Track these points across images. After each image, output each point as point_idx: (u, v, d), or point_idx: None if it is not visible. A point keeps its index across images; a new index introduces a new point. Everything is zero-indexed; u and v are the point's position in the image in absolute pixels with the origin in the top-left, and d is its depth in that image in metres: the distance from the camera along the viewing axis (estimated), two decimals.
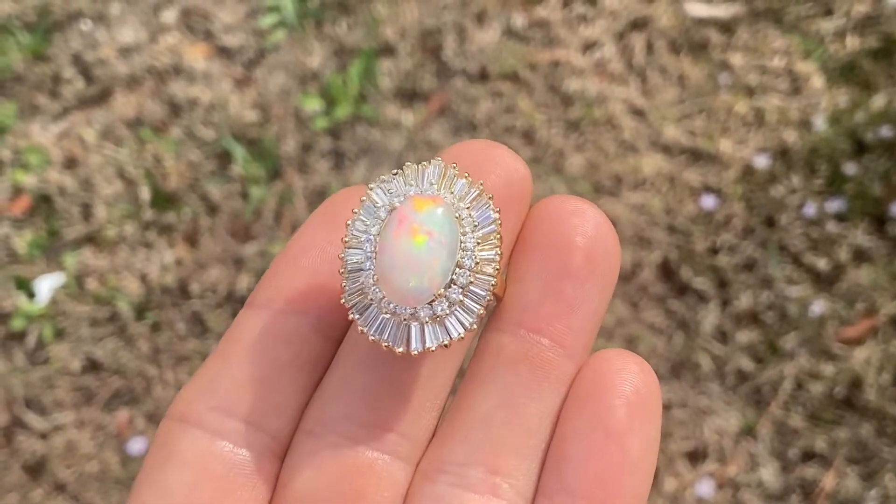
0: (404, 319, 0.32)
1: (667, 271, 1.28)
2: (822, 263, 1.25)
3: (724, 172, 1.32)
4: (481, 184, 0.32)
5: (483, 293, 0.32)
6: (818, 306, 1.21)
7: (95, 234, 1.39)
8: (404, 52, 1.49)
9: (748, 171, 1.32)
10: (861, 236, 1.26)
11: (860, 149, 1.32)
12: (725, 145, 1.35)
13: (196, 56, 1.54)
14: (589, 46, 1.48)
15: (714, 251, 1.28)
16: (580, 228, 0.32)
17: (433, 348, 0.32)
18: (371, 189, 0.33)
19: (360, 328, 0.32)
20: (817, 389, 1.18)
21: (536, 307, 0.32)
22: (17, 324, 1.31)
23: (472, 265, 0.31)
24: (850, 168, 1.30)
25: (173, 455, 0.31)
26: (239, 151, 1.42)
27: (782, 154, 1.33)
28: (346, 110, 1.43)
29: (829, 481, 1.14)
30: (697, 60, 1.44)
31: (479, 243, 0.32)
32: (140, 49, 1.55)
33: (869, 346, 1.20)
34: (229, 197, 1.39)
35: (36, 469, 1.24)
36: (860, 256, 1.25)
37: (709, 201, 1.30)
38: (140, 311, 1.32)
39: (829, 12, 1.46)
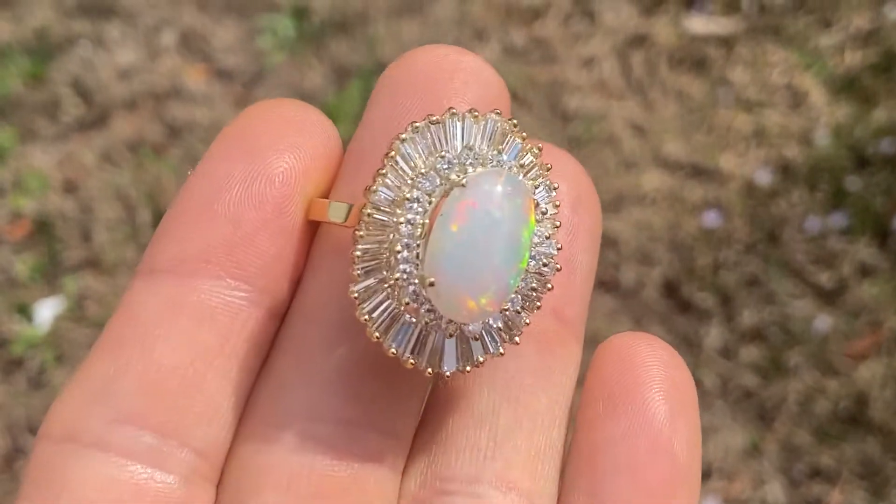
0: (439, 330, 0.25)
1: (669, 288, 1.28)
2: (825, 279, 1.25)
3: (726, 188, 1.33)
4: (540, 149, 0.27)
5: (536, 300, 0.26)
6: (822, 322, 1.21)
7: (96, 257, 1.39)
8: None
9: (750, 187, 1.32)
10: (864, 251, 1.26)
11: (862, 163, 1.32)
12: (726, 161, 1.35)
13: (195, 77, 1.55)
14: (588, 63, 1.48)
15: (717, 267, 1.28)
16: (563, 175, 0.27)
17: (468, 370, 0.26)
18: (403, 140, 0.25)
19: (374, 335, 0.25)
20: (822, 406, 1.18)
21: None
22: (18, 349, 1.31)
23: (536, 266, 0.26)
24: (851, 183, 1.30)
25: (63, 491, 0.23)
26: None
27: (784, 169, 1.33)
28: (345, 130, 1.43)
29: (835, 498, 1.14)
30: (697, 76, 1.44)
31: (545, 237, 0.26)
32: (139, 71, 1.56)
33: (874, 361, 1.20)
34: None
35: None
36: (864, 271, 1.25)
37: (711, 217, 1.30)
38: None
39: (828, 27, 1.46)
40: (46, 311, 1.34)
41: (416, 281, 0.25)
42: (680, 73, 1.45)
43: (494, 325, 0.26)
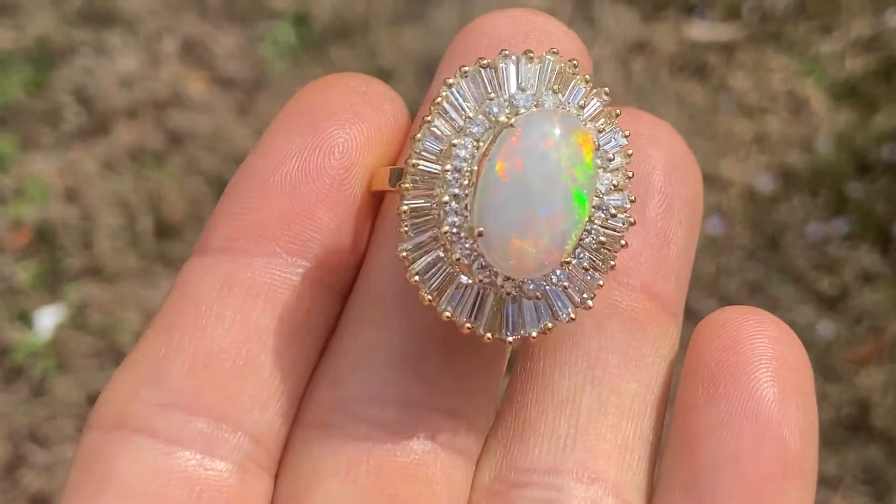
0: (497, 290, 0.23)
1: None
2: (827, 285, 1.25)
3: (727, 194, 1.33)
4: (607, 93, 0.25)
5: (608, 258, 0.24)
6: (824, 328, 1.21)
7: (97, 265, 1.39)
8: (404, 79, 1.50)
9: (751, 193, 1.32)
10: (866, 257, 1.26)
11: (863, 169, 1.32)
12: (728, 167, 1.35)
13: (196, 85, 1.55)
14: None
15: (719, 274, 1.28)
16: (653, 140, 0.25)
17: (534, 335, 0.23)
18: (452, 84, 0.24)
19: (425, 298, 0.23)
20: (825, 412, 1.18)
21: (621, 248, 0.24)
22: (19, 357, 1.31)
23: (605, 217, 0.24)
24: (853, 189, 1.30)
25: (108, 480, 0.22)
26: None
27: (785, 175, 1.33)
28: None
29: (837, 503, 1.14)
30: (698, 83, 1.44)
31: (613, 186, 0.24)
32: (140, 79, 1.56)
33: (876, 367, 1.20)
34: None
35: (39, 503, 1.24)
36: (865, 278, 1.25)
37: (712, 224, 1.30)
38: None
39: (828, 33, 1.46)
40: (47, 318, 1.34)
41: (465, 233, 0.23)
42: (681, 79, 1.45)
43: (559, 284, 0.23)
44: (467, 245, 0.23)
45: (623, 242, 0.24)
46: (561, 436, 0.23)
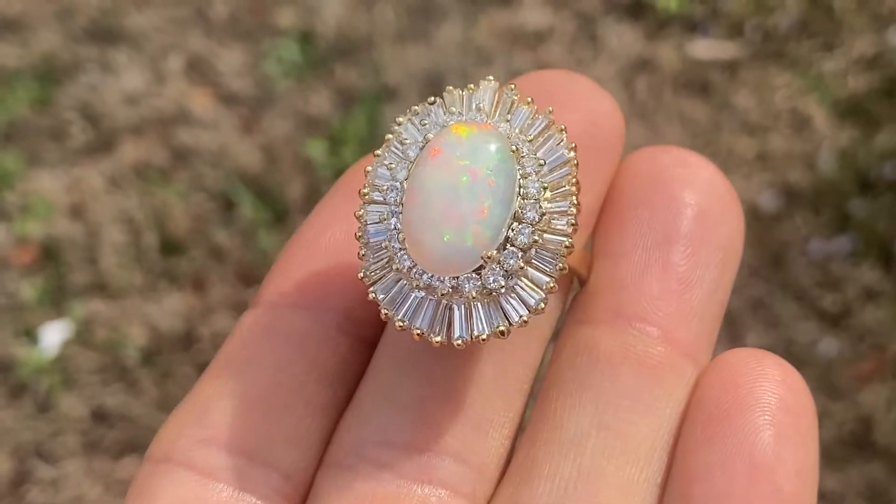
0: (443, 296, 0.24)
1: None
2: (829, 302, 1.25)
3: None
4: (550, 111, 0.25)
5: (553, 258, 0.24)
6: (827, 345, 1.22)
7: (102, 281, 1.39)
8: (409, 96, 1.50)
9: (754, 211, 1.32)
10: (869, 274, 1.26)
11: (866, 187, 1.33)
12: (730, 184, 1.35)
13: (202, 102, 1.55)
14: None
15: None
16: (689, 182, 0.25)
17: (485, 337, 0.24)
18: (399, 123, 0.26)
19: (383, 312, 0.24)
20: (827, 429, 1.18)
21: (637, 286, 0.25)
22: (25, 373, 1.32)
23: (536, 218, 0.24)
24: (855, 206, 1.30)
25: None
26: (245, 197, 1.42)
27: (788, 193, 1.34)
28: (351, 154, 1.44)
29: None
30: (701, 100, 1.45)
31: (546, 189, 0.24)
32: (145, 96, 1.56)
33: (879, 384, 1.20)
34: (236, 242, 1.40)
35: None
36: (868, 295, 1.26)
37: None
38: (148, 359, 1.32)
39: (831, 51, 1.47)
40: (53, 335, 1.35)
41: (401, 245, 0.24)
42: (684, 97, 1.45)
43: (495, 285, 0.24)
44: (405, 255, 0.24)
45: (567, 244, 0.24)
46: (565, 478, 0.24)
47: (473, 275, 0.24)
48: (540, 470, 0.24)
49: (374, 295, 0.25)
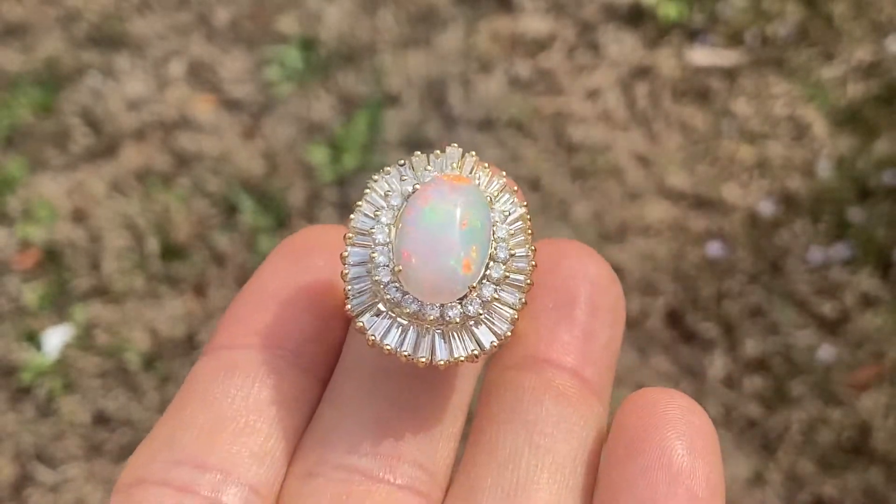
0: (430, 322, 0.28)
1: (674, 318, 1.28)
2: (828, 309, 1.26)
3: (729, 219, 1.33)
4: (504, 175, 0.30)
5: (518, 293, 0.28)
6: (825, 352, 1.22)
7: (104, 286, 1.40)
8: (410, 102, 1.51)
9: (753, 218, 1.33)
10: (867, 282, 1.26)
11: (864, 194, 1.33)
12: (730, 192, 1.36)
13: (203, 108, 1.56)
14: (592, 95, 1.49)
15: (720, 297, 1.29)
16: (585, 267, 0.31)
17: (462, 359, 0.28)
18: (375, 180, 0.29)
19: (370, 338, 0.28)
20: (826, 435, 1.19)
21: (551, 337, 0.30)
22: (27, 377, 1.32)
23: (507, 258, 0.28)
24: (854, 214, 1.31)
25: None
26: (246, 202, 1.43)
27: (787, 200, 1.34)
28: (352, 160, 1.44)
29: None
30: (701, 108, 1.45)
31: (511, 236, 0.29)
32: (148, 101, 1.57)
33: (876, 391, 1.20)
34: (237, 247, 1.40)
35: None
36: (866, 302, 1.26)
37: (714, 248, 1.31)
38: (149, 363, 1.33)
39: (830, 59, 1.47)
40: (55, 339, 1.35)
41: (391, 277, 0.28)
42: (684, 104, 1.46)
43: (476, 314, 0.28)
44: (394, 286, 0.27)
45: (529, 282, 0.29)
46: (505, 488, 0.28)
47: (457, 304, 0.28)
48: (482, 483, 0.28)
49: (361, 324, 0.28)
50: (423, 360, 0.28)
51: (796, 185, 1.35)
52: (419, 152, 0.30)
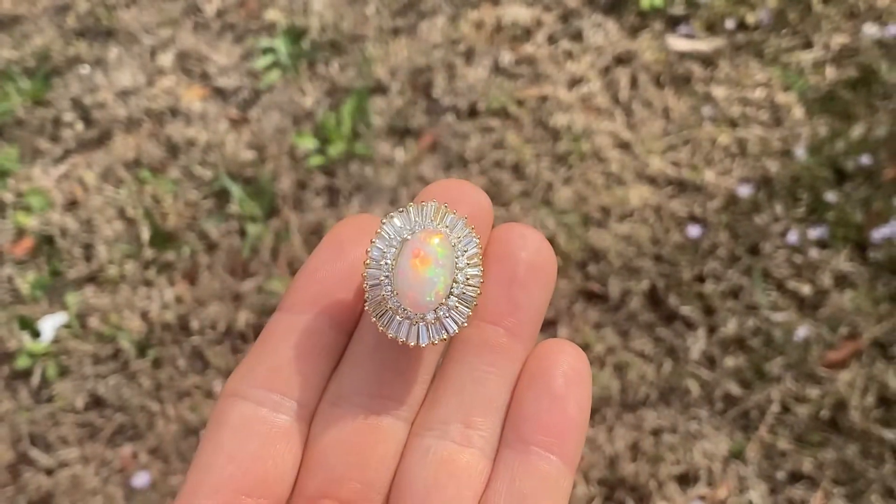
0: (415, 322, 0.39)
1: (655, 300, 1.30)
2: (805, 289, 1.27)
3: (709, 202, 1.35)
4: (465, 217, 0.40)
5: (471, 300, 0.39)
6: (803, 331, 1.24)
7: (97, 273, 1.41)
8: (396, 91, 1.52)
9: (732, 201, 1.35)
10: (843, 262, 1.28)
11: (841, 177, 1.35)
12: (710, 175, 1.37)
13: (192, 98, 1.57)
14: (575, 82, 1.50)
15: (700, 279, 1.30)
16: (525, 245, 0.40)
17: (436, 342, 0.39)
18: (384, 223, 0.40)
19: (380, 328, 0.39)
20: (803, 412, 1.20)
21: (494, 307, 0.40)
22: (22, 362, 1.33)
23: (464, 280, 0.39)
24: (831, 196, 1.32)
25: (226, 421, 0.38)
26: (236, 190, 1.44)
27: (765, 183, 1.36)
28: (339, 148, 1.46)
29: (816, 502, 1.16)
30: (681, 93, 1.47)
31: (468, 264, 0.39)
32: (138, 92, 1.58)
33: (853, 369, 1.22)
34: (227, 235, 1.42)
35: None
36: (843, 282, 1.27)
37: (694, 230, 1.32)
38: (142, 349, 1.34)
39: (808, 45, 1.49)
40: (49, 325, 1.37)
41: (391, 293, 0.39)
42: (664, 90, 1.48)
43: (443, 313, 0.39)
44: (394, 299, 0.38)
45: (478, 288, 0.39)
46: (451, 406, 0.39)
47: (432, 311, 0.39)
48: (440, 402, 0.40)
49: (374, 319, 0.39)
50: (412, 343, 0.39)
51: (774, 168, 1.37)
52: (412, 204, 0.39)
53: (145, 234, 1.44)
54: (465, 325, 0.40)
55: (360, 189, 1.43)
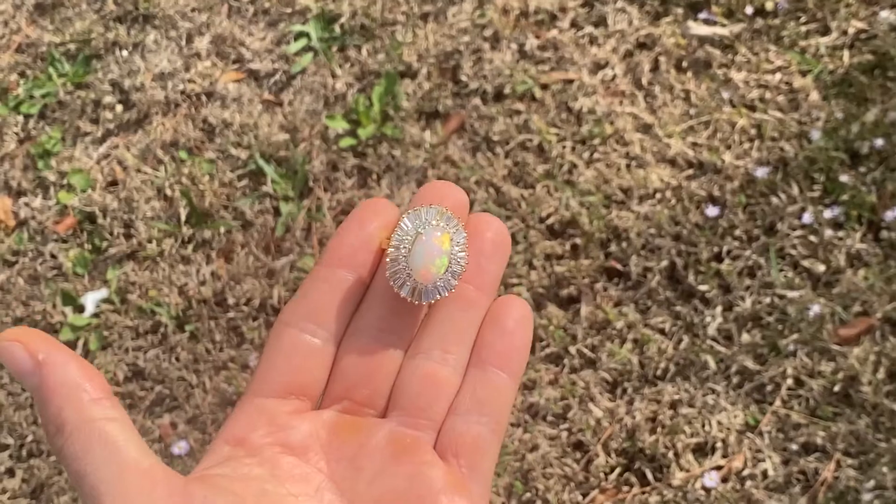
0: (420, 287, 0.48)
1: (674, 278, 1.33)
2: (820, 268, 1.30)
3: (728, 183, 1.38)
4: (459, 217, 0.49)
5: (459, 272, 0.49)
6: (817, 308, 1.26)
7: (137, 250, 1.46)
8: (424, 75, 1.56)
9: (749, 182, 1.37)
10: (857, 242, 1.31)
11: (855, 159, 1.37)
12: (728, 157, 1.40)
13: (227, 81, 1.60)
14: (598, 66, 1.53)
15: (718, 258, 1.34)
16: (488, 228, 0.50)
17: (433, 301, 0.49)
18: (402, 218, 0.49)
19: (395, 290, 0.48)
20: (817, 386, 1.23)
21: (467, 271, 0.49)
22: (65, 336, 1.38)
23: (456, 258, 0.48)
24: (845, 177, 1.35)
25: (279, 342, 0.48)
26: (269, 171, 1.48)
27: (782, 165, 1.38)
28: (369, 130, 1.50)
29: (828, 473, 1.19)
30: (701, 78, 1.49)
31: (458, 249, 0.49)
32: (175, 75, 1.62)
33: (865, 345, 1.24)
34: (261, 214, 1.46)
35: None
36: (856, 261, 1.30)
37: (713, 211, 1.35)
38: (180, 323, 1.39)
39: (825, 30, 1.51)
40: (91, 300, 1.41)
41: (405, 265, 0.47)
42: (685, 74, 1.50)
43: (441, 284, 0.48)
44: (407, 271, 0.47)
45: (464, 266, 0.48)
46: (434, 337, 0.49)
47: (434, 279, 0.48)
48: (426, 336, 0.49)
49: (391, 283, 0.47)
50: (416, 301, 0.48)
51: (791, 151, 1.39)
52: (421, 206, 0.49)
53: (183, 212, 1.48)
54: (453, 290, 0.50)
55: (389, 170, 1.46)
